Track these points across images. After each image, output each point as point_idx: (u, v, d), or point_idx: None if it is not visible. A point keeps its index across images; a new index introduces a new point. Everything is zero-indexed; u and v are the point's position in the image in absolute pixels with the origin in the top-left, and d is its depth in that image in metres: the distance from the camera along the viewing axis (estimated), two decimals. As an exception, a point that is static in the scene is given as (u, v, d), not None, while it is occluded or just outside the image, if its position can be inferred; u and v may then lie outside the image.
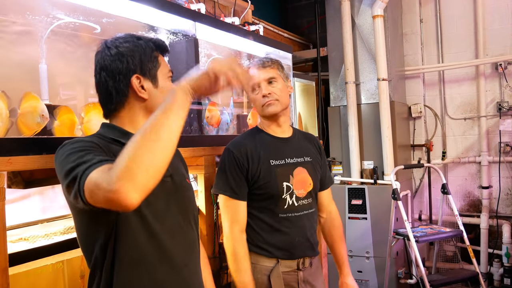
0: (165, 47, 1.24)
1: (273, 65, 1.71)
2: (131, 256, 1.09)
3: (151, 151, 0.90)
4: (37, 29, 1.57)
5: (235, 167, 1.64)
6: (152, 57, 1.18)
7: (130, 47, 1.16)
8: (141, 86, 1.16)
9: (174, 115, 0.96)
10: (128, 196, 0.86)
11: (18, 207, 1.74)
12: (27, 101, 1.37)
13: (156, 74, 1.18)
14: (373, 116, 3.81)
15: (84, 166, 0.94)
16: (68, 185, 0.97)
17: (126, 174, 0.86)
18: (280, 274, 1.64)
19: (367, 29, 3.82)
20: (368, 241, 3.65)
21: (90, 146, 1.02)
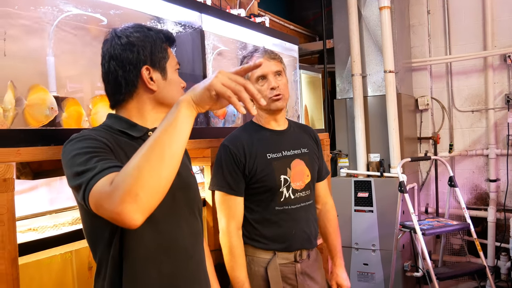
0: (173, 39, 1.24)
1: (279, 58, 1.70)
2: (137, 250, 1.09)
3: (155, 172, 0.88)
4: (44, 21, 1.57)
5: (232, 162, 1.63)
6: (162, 49, 1.18)
7: (141, 38, 1.15)
8: (150, 78, 1.15)
9: (178, 132, 0.92)
10: (132, 217, 0.86)
11: (26, 198, 1.75)
12: (35, 93, 1.38)
13: (166, 66, 1.18)
14: (379, 108, 3.79)
15: (89, 174, 0.92)
16: (74, 187, 0.98)
17: (130, 197, 0.85)
18: (277, 266, 1.64)
19: (373, 20, 3.80)
20: (374, 234, 3.65)
21: (98, 147, 1.01)
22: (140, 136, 1.16)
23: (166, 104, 1.19)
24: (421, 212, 4.28)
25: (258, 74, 1.65)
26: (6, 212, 1.13)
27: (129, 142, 1.14)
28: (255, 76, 1.66)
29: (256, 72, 1.65)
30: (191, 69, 1.93)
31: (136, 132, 1.16)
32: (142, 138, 1.16)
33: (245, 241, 1.66)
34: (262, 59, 1.64)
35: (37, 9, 1.54)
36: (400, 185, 3.22)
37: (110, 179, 0.89)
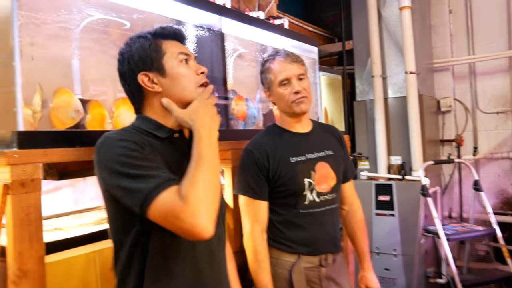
0: (167, 32, 1.21)
1: (301, 61, 1.69)
2: (162, 251, 1.10)
3: (215, 185, 1.03)
4: (69, 26, 1.61)
5: (255, 167, 1.63)
6: (151, 49, 1.17)
7: (129, 49, 1.18)
8: (151, 81, 1.16)
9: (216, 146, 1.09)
10: (208, 229, 0.97)
11: (51, 198, 1.79)
12: (60, 95, 1.41)
13: (162, 64, 1.16)
14: (400, 110, 3.74)
15: (151, 183, 0.99)
16: (126, 189, 1.01)
17: (205, 211, 0.97)
18: (302, 269, 1.62)
19: (394, 21, 3.76)
20: (396, 238, 3.59)
21: (143, 151, 1.05)
22: (166, 137, 1.18)
23: (178, 100, 1.17)
24: (444, 216, 4.20)
25: (281, 78, 1.64)
26: (33, 212, 1.16)
27: (157, 142, 1.15)
28: (278, 80, 1.65)
29: (279, 76, 1.64)
30: (211, 72, 1.95)
31: (162, 133, 1.17)
32: (169, 140, 1.18)
33: (269, 243, 1.66)
34: (286, 63, 1.65)
35: (62, 14, 1.58)
36: (423, 189, 3.17)
37: (175, 192, 0.98)
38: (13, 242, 1.12)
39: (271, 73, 1.67)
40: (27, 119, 1.27)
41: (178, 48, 1.20)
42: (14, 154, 1.14)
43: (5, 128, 1.20)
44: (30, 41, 1.47)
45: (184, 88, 1.17)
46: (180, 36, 1.24)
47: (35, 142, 1.20)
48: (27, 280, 1.13)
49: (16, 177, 1.13)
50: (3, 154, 1.14)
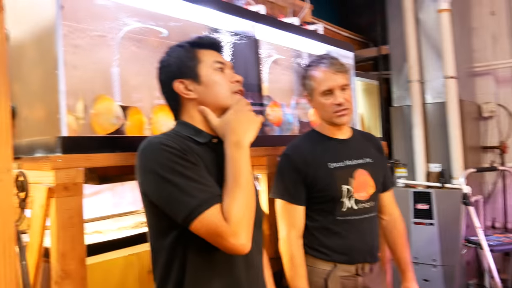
0: (203, 42, 1.25)
1: (345, 70, 1.65)
2: (201, 256, 1.11)
3: (253, 205, 1.09)
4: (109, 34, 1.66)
5: (293, 171, 1.62)
6: (187, 57, 1.21)
7: (167, 57, 1.23)
8: (186, 88, 1.19)
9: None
10: (247, 247, 1.04)
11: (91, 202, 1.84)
12: (101, 102, 1.46)
13: (197, 71, 1.20)
14: (439, 116, 3.65)
15: (197, 198, 1.03)
16: (169, 198, 1.05)
17: (248, 232, 1.05)
18: (338, 278, 1.59)
19: (431, 24, 3.67)
20: (435, 248, 3.48)
21: (186, 161, 1.07)
22: (205, 142, 1.19)
23: (213, 107, 1.20)
24: (487, 226, 4.04)
25: (324, 89, 1.61)
26: (75, 215, 1.20)
27: (197, 147, 1.16)
28: (321, 89, 1.62)
29: (321, 86, 1.62)
30: (246, 78, 1.96)
31: (201, 138, 1.19)
32: (208, 145, 1.20)
33: (305, 250, 1.63)
34: (330, 73, 1.61)
35: (103, 23, 1.64)
36: (464, 197, 3.07)
37: (219, 210, 1.04)
38: (56, 243, 1.16)
39: (314, 81, 1.65)
40: (70, 125, 1.31)
41: (213, 57, 1.23)
42: (58, 159, 1.18)
43: (50, 134, 1.25)
44: (73, 50, 1.52)
45: (218, 95, 1.20)
46: (216, 46, 1.27)
47: (78, 147, 1.24)
48: (69, 280, 1.16)
49: (60, 181, 1.17)
50: (47, 159, 1.18)
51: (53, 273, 1.16)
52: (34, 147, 1.30)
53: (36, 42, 1.33)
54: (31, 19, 1.36)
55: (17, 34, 1.41)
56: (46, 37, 1.28)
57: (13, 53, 1.42)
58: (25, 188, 1.23)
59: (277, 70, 2.53)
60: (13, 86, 1.41)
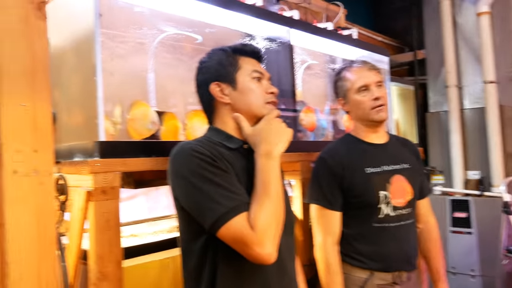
0: (246, 49, 1.26)
1: (378, 69, 1.66)
2: (233, 261, 1.10)
3: (281, 215, 1.09)
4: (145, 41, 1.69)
5: (329, 176, 1.59)
6: (228, 62, 1.22)
7: (209, 59, 1.25)
8: (221, 92, 1.21)
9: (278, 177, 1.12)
10: (272, 256, 1.04)
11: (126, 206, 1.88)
12: (137, 108, 1.49)
13: (235, 77, 1.21)
14: (478, 122, 3.54)
15: (225, 205, 1.03)
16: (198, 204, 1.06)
17: (274, 242, 1.05)
18: (375, 286, 1.55)
19: (470, 28, 3.58)
20: (474, 258, 3.37)
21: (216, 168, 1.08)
22: (236, 148, 1.20)
23: (245, 113, 1.21)
24: (529, 235, 3.89)
25: (360, 85, 1.60)
26: (113, 218, 1.22)
27: (228, 153, 1.17)
28: (356, 86, 1.61)
29: (357, 83, 1.61)
30: (280, 83, 1.96)
31: (232, 144, 1.20)
32: (238, 150, 1.20)
33: (341, 257, 1.60)
34: (364, 70, 1.62)
35: (139, 30, 1.67)
36: (505, 206, 2.96)
37: (246, 219, 1.04)
38: (94, 246, 1.19)
39: (348, 81, 1.64)
40: (107, 130, 1.34)
41: (253, 66, 1.24)
42: (96, 163, 1.21)
43: (88, 139, 1.28)
44: (110, 57, 1.56)
45: (251, 103, 1.21)
46: (257, 55, 1.28)
47: (115, 152, 1.27)
48: (106, 282, 1.19)
49: (98, 185, 1.20)
50: (86, 163, 1.21)
51: (91, 275, 1.19)
52: (73, 151, 1.33)
53: (75, 49, 1.37)
54: (70, 27, 1.40)
55: (57, 42, 1.45)
56: (84, 44, 1.32)
57: (53, 61, 1.46)
58: (65, 192, 1.27)
59: (311, 75, 2.52)
60: (54, 93, 1.46)
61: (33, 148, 0.85)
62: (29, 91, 0.85)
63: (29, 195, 0.84)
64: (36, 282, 0.82)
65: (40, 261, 0.83)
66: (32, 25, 0.84)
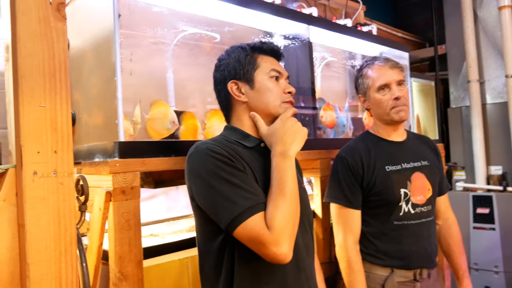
0: (265, 48, 1.25)
1: (401, 67, 1.63)
2: (250, 259, 1.10)
3: (296, 212, 1.07)
4: (164, 40, 1.69)
5: (349, 174, 1.58)
6: (247, 60, 1.21)
7: (227, 57, 1.24)
8: (238, 90, 1.20)
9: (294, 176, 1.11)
10: (288, 256, 1.02)
11: (147, 205, 1.88)
12: (157, 107, 1.49)
13: (253, 76, 1.20)
14: (500, 116, 3.48)
15: (240, 205, 1.02)
16: (214, 204, 1.05)
17: (291, 242, 1.03)
18: (396, 284, 1.54)
19: (491, 22, 3.52)
20: (497, 254, 3.32)
21: (232, 168, 1.07)
22: (253, 147, 1.19)
23: (262, 112, 1.21)
24: (553, 232, 3.80)
25: (381, 83, 1.59)
26: (132, 218, 1.22)
27: (244, 151, 1.17)
28: (377, 85, 1.60)
29: (378, 81, 1.60)
30: (299, 81, 1.94)
31: (249, 143, 1.20)
32: (255, 149, 1.19)
33: (361, 256, 1.59)
34: (386, 68, 1.60)
35: (158, 30, 1.67)
36: (529, 201, 2.90)
37: (262, 218, 1.03)
38: (114, 246, 1.19)
39: (369, 78, 1.63)
40: (126, 130, 1.35)
41: (271, 65, 1.23)
42: (116, 163, 1.21)
43: (108, 139, 1.28)
44: (129, 57, 1.57)
45: (268, 102, 1.20)
46: (277, 53, 1.27)
47: (134, 152, 1.27)
48: (127, 282, 1.19)
49: (117, 185, 1.20)
50: (106, 163, 1.22)
51: (111, 275, 1.19)
52: (93, 152, 1.34)
53: (95, 50, 1.38)
54: (89, 28, 1.40)
55: (77, 43, 1.46)
56: (104, 45, 1.32)
57: (73, 62, 1.48)
58: (85, 192, 1.27)
59: (331, 72, 2.50)
60: (73, 94, 1.47)
61: (53, 149, 0.85)
62: (48, 92, 0.85)
63: (49, 196, 0.85)
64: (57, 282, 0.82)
65: (60, 262, 0.84)
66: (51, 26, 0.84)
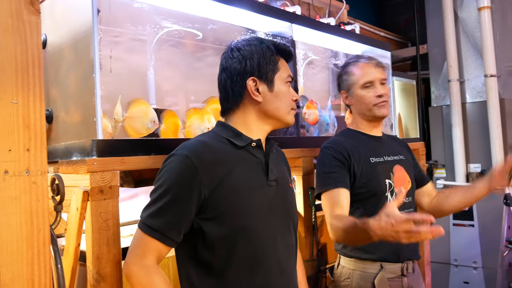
0: (287, 51, 1.24)
1: (384, 66, 1.69)
2: (231, 259, 1.09)
3: None
4: (145, 38, 1.66)
5: (336, 159, 1.57)
6: (271, 61, 1.19)
7: (251, 50, 1.19)
8: (256, 89, 1.18)
9: None
10: None
11: (127, 205, 1.85)
12: (136, 106, 1.45)
13: (273, 79, 1.19)
14: (480, 115, 3.54)
15: (156, 225, 1.08)
16: (148, 206, 1.12)
17: None
18: (386, 280, 1.56)
19: (471, 22, 3.58)
20: (476, 250, 3.38)
21: (178, 193, 1.07)
22: (243, 146, 1.17)
23: (270, 116, 1.20)
24: (530, 228, 3.89)
25: (365, 81, 1.64)
26: (111, 218, 1.20)
27: (232, 151, 1.15)
28: (361, 82, 1.65)
29: (363, 78, 1.64)
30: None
31: (240, 142, 1.17)
32: (246, 148, 1.17)
33: (346, 253, 1.63)
34: (371, 66, 1.65)
35: (139, 27, 1.64)
36: (506, 198, 2.96)
37: (153, 253, 1.10)
38: (92, 246, 1.16)
39: (354, 75, 1.67)
40: (105, 128, 1.32)
41: (287, 70, 1.23)
42: (94, 162, 1.18)
43: (86, 137, 1.25)
44: (109, 54, 1.53)
45: (281, 108, 1.20)
46: (291, 58, 1.27)
47: (113, 150, 1.24)
48: (105, 283, 1.16)
49: (95, 184, 1.18)
50: (83, 162, 1.19)
51: (89, 276, 1.17)
52: (71, 150, 1.31)
53: (73, 46, 1.34)
54: (68, 23, 1.37)
55: (55, 39, 1.43)
56: (82, 41, 1.29)
57: (50, 58, 1.44)
58: (60, 191, 1.24)
59: (313, 70, 2.50)
60: (51, 91, 1.43)
61: (25, 147, 0.82)
62: (21, 88, 0.82)
63: (21, 196, 0.82)
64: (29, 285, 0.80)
65: (33, 264, 0.81)
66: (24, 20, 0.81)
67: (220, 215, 1.08)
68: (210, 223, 1.08)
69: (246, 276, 1.11)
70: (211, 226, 1.08)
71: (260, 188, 1.16)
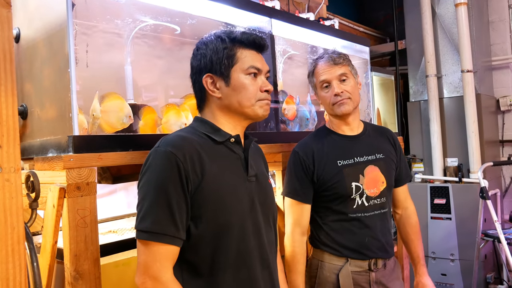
0: (250, 41, 1.17)
1: (344, 61, 1.64)
2: (215, 256, 1.09)
3: None
4: (122, 32, 1.64)
5: (300, 169, 1.62)
6: (224, 55, 1.15)
7: (206, 46, 1.17)
8: (213, 85, 1.16)
9: None
10: None
11: (106, 201, 1.84)
12: (110, 100, 1.43)
13: (230, 72, 1.15)
14: (456, 110, 3.60)
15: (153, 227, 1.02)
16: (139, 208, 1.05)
17: None
18: (350, 273, 1.59)
19: (449, 18, 3.63)
20: (453, 242, 3.45)
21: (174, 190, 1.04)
22: (222, 142, 1.16)
23: (234, 110, 1.17)
24: (504, 220, 3.98)
25: (322, 80, 1.63)
26: (89, 215, 1.18)
27: (211, 147, 1.14)
28: (319, 83, 1.65)
29: (320, 79, 1.64)
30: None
31: (219, 137, 1.16)
32: (225, 144, 1.16)
33: (317, 245, 1.65)
34: (326, 66, 1.63)
35: (116, 21, 1.61)
36: (482, 191, 3.01)
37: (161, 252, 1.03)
38: (69, 244, 1.15)
39: (313, 77, 1.69)
40: (81, 124, 1.30)
41: (251, 60, 1.17)
42: (70, 158, 1.16)
43: (61, 133, 1.23)
44: (85, 48, 1.51)
45: (242, 101, 1.15)
46: (259, 46, 1.20)
47: (90, 146, 1.22)
48: (83, 281, 1.15)
49: (72, 181, 1.16)
50: (59, 159, 1.17)
51: (66, 274, 1.15)
52: (46, 146, 1.29)
53: (48, 41, 1.32)
54: (42, 17, 1.34)
55: (29, 33, 1.40)
56: (57, 35, 1.27)
57: (24, 53, 1.41)
58: (36, 188, 1.21)
59: (293, 65, 2.50)
60: (25, 86, 1.40)
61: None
62: (-7, 83, 0.80)
63: (-6, 194, 0.80)
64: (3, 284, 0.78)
65: (7, 262, 0.79)
66: (-4, 14, 0.79)
67: (204, 213, 1.07)
68: (193, 223, 1.07)
69: (231, 273, 1.10)
70: (195, 224, 1.07)
71: (241, 184, 1.15)
